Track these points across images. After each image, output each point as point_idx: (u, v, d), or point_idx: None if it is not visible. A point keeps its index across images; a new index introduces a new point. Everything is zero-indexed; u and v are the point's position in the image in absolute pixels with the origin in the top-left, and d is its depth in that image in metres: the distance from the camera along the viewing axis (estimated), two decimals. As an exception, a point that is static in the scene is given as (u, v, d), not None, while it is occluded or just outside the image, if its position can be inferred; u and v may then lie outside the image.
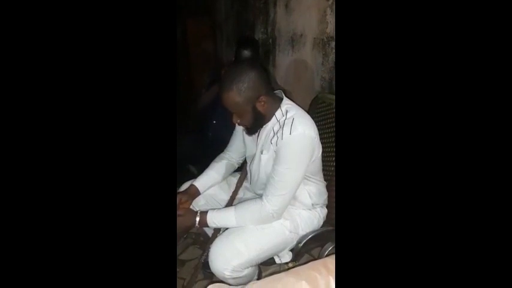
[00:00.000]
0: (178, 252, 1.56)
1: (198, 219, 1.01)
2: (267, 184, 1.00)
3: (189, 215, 1.04)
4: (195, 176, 1.28)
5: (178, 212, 1.03)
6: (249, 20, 2.21)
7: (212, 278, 1.40)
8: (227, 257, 0.95)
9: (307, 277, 0.74)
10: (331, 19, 1.53)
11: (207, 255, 1.02)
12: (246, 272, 0.99)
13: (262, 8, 2.06)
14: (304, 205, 1.09)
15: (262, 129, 1.04)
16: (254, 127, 1.02)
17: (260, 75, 0.94)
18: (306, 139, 0.96)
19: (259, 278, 1.15)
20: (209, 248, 1.03)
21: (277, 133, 0.98)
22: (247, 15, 2.19)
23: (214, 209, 1.05)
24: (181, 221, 1.02)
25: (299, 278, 0.74)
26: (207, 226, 1.04)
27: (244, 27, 2.25)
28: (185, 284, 1.40)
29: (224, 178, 1.21)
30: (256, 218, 0.99)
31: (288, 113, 0.99)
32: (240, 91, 0.91)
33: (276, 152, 0.98)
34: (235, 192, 1.18)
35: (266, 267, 1.16)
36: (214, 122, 1.86)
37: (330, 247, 1.09)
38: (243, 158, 1.23)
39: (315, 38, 1.64)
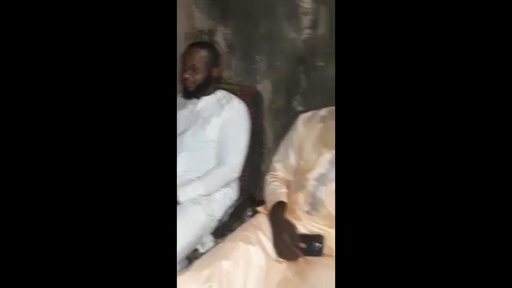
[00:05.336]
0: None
1: None
2: (220, 152, 1.21)
3: None
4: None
5: None
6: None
7: None
8: None
9: (242, 237, 0.90)
10: (196, 14, 1.66)
11: None
12: (178, 267, 1.02)
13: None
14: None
15: (199, 103, 1.29)
16: (198, 88, 1.25)
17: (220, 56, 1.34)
18: (245, 110, 1.28)
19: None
20: None
21: (224, 106, 1.25)
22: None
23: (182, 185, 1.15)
24: None
25: (235, 240, 0.89)
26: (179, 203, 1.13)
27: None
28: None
29: None
30: (222, 180, 1.20)
31: (225, 94, 1.30)
32: (209, 52, 1.26)
33: (224, 122, 1.22)
34: None
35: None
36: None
37: (249, 213, 1.26)
38: None
39: (185, 33, 1.73)
